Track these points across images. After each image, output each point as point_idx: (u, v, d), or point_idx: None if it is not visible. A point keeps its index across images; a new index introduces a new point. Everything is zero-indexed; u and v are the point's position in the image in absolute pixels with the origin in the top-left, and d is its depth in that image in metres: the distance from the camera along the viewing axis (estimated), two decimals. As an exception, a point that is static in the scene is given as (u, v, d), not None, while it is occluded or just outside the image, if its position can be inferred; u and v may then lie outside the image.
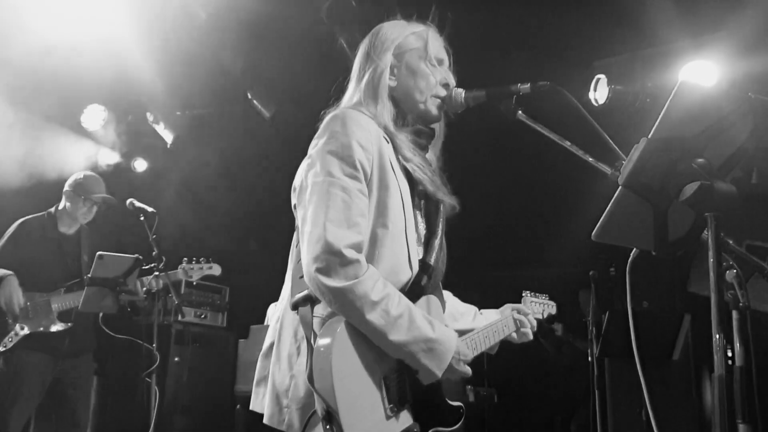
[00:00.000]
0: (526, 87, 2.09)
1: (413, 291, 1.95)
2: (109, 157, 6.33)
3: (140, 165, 6.54)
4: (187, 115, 6.50)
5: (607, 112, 4.88)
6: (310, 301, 1.86)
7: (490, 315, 2.47)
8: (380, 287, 1.80)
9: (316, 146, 1.93)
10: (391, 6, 5.04)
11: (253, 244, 6.73)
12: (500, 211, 6.71)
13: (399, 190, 1.96)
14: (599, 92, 4.93)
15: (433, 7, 2.24)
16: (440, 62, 2.16)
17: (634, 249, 1.56)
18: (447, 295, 2.31)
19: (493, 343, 2.30)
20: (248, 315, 5.35)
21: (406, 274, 1.94)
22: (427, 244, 2.02)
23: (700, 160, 1.35)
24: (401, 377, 1.87)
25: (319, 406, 1.72)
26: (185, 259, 4.35)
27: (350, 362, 1.77)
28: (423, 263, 1.99)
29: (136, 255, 4.22)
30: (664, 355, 4.57)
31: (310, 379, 1.73)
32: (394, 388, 1.84)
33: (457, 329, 2.22)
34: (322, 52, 5.21)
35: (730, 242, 1.63)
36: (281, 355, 1.89)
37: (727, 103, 1.35)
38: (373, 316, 1.77)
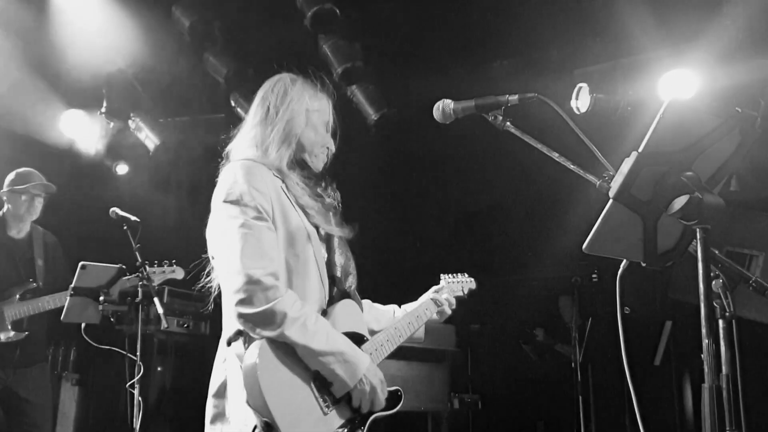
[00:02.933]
0: (514, 98, 2.13)
1: (330, 302, 2.20)
2: (91, 163, 6.29)
3: (122, 169, 6.48)
4: (169, 122, 6.46)
5: (588, 120, 4.93)
6: (242, 335, 2.02)
7: (409, 307, 2.70)
8: (298, 306, 1.99)
9: (217, 198, 2.13)
10: (374, 13, 5.07)
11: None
12: (483, 217, 6.75)
13: (300, 219, 2.18)
14: (581, 100, 4.97)
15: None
16: (330, 129, 2.42)
17: (624, 260, 1.58)
18: (367, 303, 2.55)
19: (417, 328, 2.56)
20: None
21: (321, 291, 2.18)
22: (330, 261, 2.26)
23: (689, 173, 1.38)
24: None
25: (258, 420, 1.90)
26: (146, 262, 4.22)
27: (277, 374, 1.94)
28: (331, 278, 2.23)
29: (119, 264, 4.17)
30: (645, 361, 4.62)
31: (246, 400, 1.91)
32: (327, 388, 2.03)
33: (382, 329, 2.46)
34: (306, 59, 5.22)
35: (717, 253, 1.66)
36: (236, 397, 2.01)
37: (714, 118, 1.38)
38: (292, 331, 1.95)
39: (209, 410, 2.12)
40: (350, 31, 5.19)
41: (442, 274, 2.96)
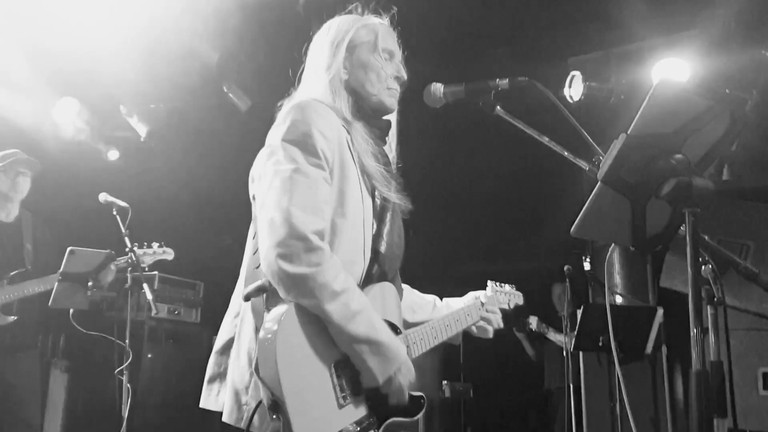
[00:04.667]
0: (504, 82, 2.11)
1: (366, 281, 1.95)
2: (82, 148, 6.24)
3: (113, 155, 6.44)
4: (161, 108, 6.41)
5: (581, 108, 4.92)
6: (263, 291, 1.81)
7: (452, 303, 2.46)
8: (342, 278, 1.77)
9: (275, 135, 1.90)
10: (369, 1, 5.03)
11: (227, 238, 6.68)
12: (475, 205, 6.74)
13: (358, 179, 1.96)
14: (574, 89, 4.97)
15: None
16: (391, 55, 2.15)
17: (612, 245, 1.57)
18: (406, 288, 2.31)
19: (455, 333, 2.30)
20: (223, 311, 5.30)
21: (360, 264, 1.93)
22: (378, 234, 2.00)
23: (678, 156, 1.36)
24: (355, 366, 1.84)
25: (264, 396, 1.68)
26: (136, 243, 4.17)
27: (297, 349, 1.72)
28: (375, 252, 1.97)
29: (108, 250, 4.14)
30: (637, 349, 4.62)
31: (256, 369, 1.69)
32: (347, 377, 1.81)
33: (416, 321, 2.24)
34: (300, 45, 5.18)
35: (706, 238, 1.65)
36: (241, 350, 1.85)
37: (705, 100, 1.36)
38: (333, 307, 1.73)
39: (210, 368, 1.97)
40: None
41: (489, 281, 2.68)
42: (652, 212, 1.44)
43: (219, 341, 1.97)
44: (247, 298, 1.84)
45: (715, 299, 1.70)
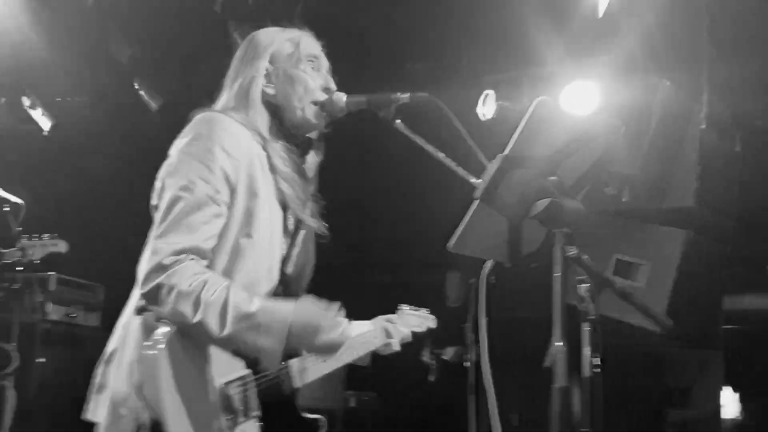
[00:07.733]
0: (405, 96, 2.12)
1: None
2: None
3: (13, 148, 6.14)
4: (68, 102, 6.17)
5: (495, 127, 5.03)
6: None
7: (360, 326, 2.46)
8: (192, 277, 1.72)
9: (176, 147, 1.87)
10: (287, 4, 5.01)
11: (131, 239, 6.47)
12: (380, 216, 6.77)
13: (269, 197, 1.93)
14: (487, 107, 5.07)
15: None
16: (316, 61, 2.12)
17: (490, 261, 1.61)
18: None
19: (362, 354, 2.32)
20: (124, 314, 5.14)
21: (265, 286, 1.92)
22: (288, 255, 1.99)
23: (552, 177, 1.41)
24: (246, 387, 1.83)
25: (147, 416, 1.67)
26: (25, 235, 3.96)
27: (181, 369, 1.71)
28: (282, 274, 1.97)
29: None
30: (534, 363, 4.74)
31: (140, 387, 1.69)
32: (236, 398, 1.79)
33: None
34: (215, 45, 5.10)
35: (583, 257, 1.71)
36: (123, 361, 1.82)
37: (580, 125, 1.41)
38: (185, 307, 1.69)
39: (95, 378, 1.93)
40: (262, 19, 5.10)
41: (401, 305, 2.70)
42: (528, 231, 1.49)
43: (106, 351, 1.93)
44: (139, 312, 1.83)
45: (591, 317, 1.77)
